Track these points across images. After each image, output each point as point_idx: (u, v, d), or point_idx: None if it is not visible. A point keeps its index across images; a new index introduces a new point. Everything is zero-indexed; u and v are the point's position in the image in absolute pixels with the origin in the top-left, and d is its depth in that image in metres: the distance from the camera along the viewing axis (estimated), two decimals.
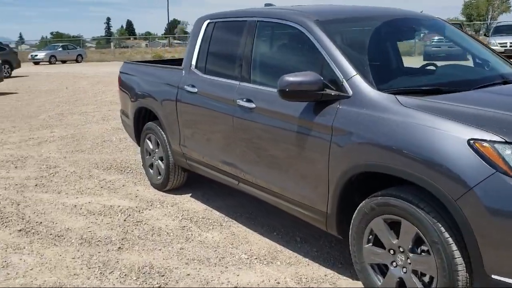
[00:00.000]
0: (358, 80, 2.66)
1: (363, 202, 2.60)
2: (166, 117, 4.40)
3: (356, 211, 2.64)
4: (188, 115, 4.06)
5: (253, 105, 3.26)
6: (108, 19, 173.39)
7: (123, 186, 5.09)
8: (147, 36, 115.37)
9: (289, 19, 3.21)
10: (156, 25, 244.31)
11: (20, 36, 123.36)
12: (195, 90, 3.95)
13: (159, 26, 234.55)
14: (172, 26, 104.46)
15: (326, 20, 3.07)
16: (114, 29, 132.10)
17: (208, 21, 4.07)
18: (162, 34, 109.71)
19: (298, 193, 2.99)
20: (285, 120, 2.99)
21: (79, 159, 6.25)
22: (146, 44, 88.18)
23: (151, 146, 4.88)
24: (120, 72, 5.44)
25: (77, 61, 36.56)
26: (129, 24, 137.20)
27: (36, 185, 5.19)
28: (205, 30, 4.06)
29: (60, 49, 35.77)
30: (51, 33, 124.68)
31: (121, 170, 5.68)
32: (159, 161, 4.78)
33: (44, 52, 35.04)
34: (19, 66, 22.62)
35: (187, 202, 4.54)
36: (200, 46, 4.08)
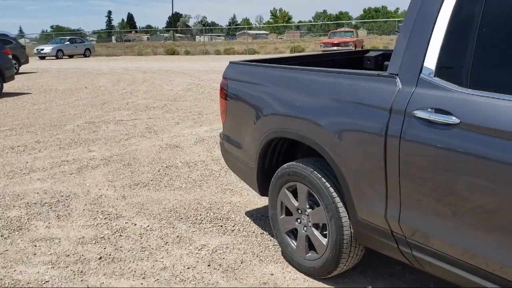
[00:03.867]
0: None
1: None
2: (349, 161, 2.45)
3: None
4: (426, 167, 2.10)
5: None
6: (109, 12, 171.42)
7: (241, 263, 3.14)
8: (148, 29, 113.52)
9: None
10: (157, 18, 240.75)
11: (20, 30, 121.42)
12: (454, 120, 1.98)
13: (160, 19, 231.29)
14: (174, 20, 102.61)
15: None
16: (115, 23, 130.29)
17: None
18: (163, 28, 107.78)
19: None
20: None
21: (145, 201, 4.31)
22: (148, 38, 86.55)
23: (295, 203, 2.94)
24: (226, 77, 3.50)
25: (85, 55, 34.64)
26: (130, 17, 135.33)
27: (100, 257, 3.25)
28: (459, 4, 2.09)
29: (68, 42, 33.78)
30: (51, 27, 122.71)
31: (221, 226, 3.73)
32: (313, 229, 2.84)
33: (50, 46, 33.06)
34: (27, 61, 20.67)
35: None
36: (448, 34, 2.11)
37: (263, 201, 4.22)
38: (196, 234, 3.60)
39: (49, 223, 3.90)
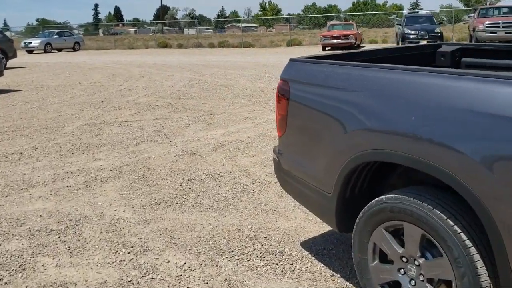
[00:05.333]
0: None
1: None
2: (505, 200, 1.72)
3: None
4: None
5: None
6: (96, 5, 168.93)
7: None
8: (136, 22, 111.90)
9: None
10: (143, 11, 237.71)
11: (5, 23, 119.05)
12: None
13: (147, 12, 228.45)
14: (162, 13, 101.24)
15: None
16: (102, 16, 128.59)
17: None
18: (151, 21, 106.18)
19: None
20: None
21: (174, 227, 3.56)
22: (135, 31, 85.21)
23: (397, 248, 2.22)
24: (286, 79, 2.75)
25: (74, 49, 33.59)
26: (117, 10, 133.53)
27: None
28: None
29: (56, 36, 32.68)
30: (37, 20, 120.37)
31: (276, 264, 3.00)
32: (428, 285, 2.10)
33: (38, 39, 31.96)
34: (15, 55, 19.67)
35: None
36: None
37: (317, 227, 3.49)
38: (248, 276, 2.86)
39: (59, 259, 3.13)
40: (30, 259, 3.15)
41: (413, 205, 2.07)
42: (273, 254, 3.12)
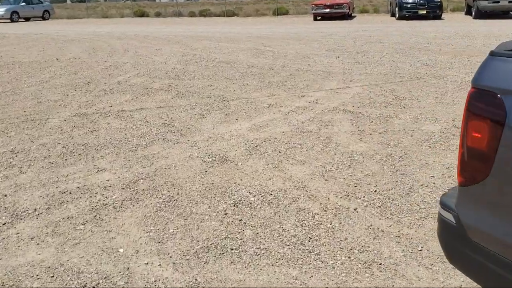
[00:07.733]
0: None
1: None
2: None
3: None
4: None
5: None
6: None
7: None
8: None
9: None
10: None
11: None
12: None
13: None
14: None
15: None
16: None
17: None
18: None
19: None
20: None
21: None
22: None
23: None
24: (491, 89, 1.53)
25: (43, 18, 31.30)
26: None
27: None
28: None
29: (23, 4, 30.26)
30: None
31: None
32: None
33: (3, 7, 29.56)
34: None
35: None
36: None
37: None
38: None
39: None
40: None
41: None
42: None
